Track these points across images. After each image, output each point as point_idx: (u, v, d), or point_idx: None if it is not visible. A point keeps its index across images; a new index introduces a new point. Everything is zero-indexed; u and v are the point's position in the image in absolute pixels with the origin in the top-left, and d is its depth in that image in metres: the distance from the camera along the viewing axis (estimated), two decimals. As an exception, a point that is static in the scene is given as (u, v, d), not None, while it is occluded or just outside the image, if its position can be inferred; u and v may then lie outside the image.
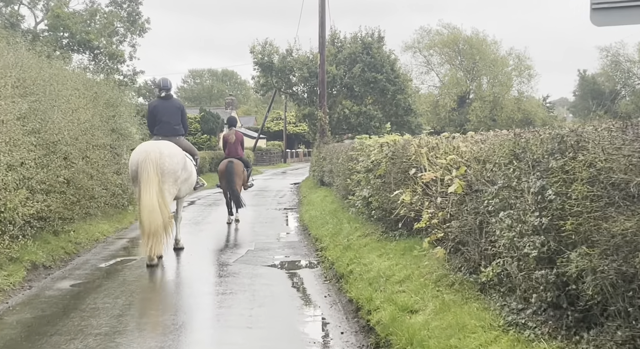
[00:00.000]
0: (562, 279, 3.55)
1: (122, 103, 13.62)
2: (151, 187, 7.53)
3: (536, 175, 3.80)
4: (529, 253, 3.74)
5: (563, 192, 3.53)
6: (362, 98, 28.55)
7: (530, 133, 4.13)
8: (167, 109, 8.80)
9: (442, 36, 70.13)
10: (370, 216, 8.79)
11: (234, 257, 8.57)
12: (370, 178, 8.64)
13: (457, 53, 70.25)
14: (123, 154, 12.94)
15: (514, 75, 69.31)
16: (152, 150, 7.81)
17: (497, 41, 70.92)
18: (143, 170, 7.61)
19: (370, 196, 8.55)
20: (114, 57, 22.76)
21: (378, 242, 7.69)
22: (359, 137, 10.42)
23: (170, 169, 7.89)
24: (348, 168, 10.76)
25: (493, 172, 4.45)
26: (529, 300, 3.94)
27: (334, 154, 15.00)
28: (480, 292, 4.69)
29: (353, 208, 9.79)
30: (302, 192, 19.91)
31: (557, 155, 3.65)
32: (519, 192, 4.03)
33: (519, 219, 3.95)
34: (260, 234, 10.92)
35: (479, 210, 4.76)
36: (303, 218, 12.64)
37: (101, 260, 8.41)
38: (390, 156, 7.68)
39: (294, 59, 28.79)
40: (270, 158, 50.47)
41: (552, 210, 3.60)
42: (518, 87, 69.47)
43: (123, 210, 12.87)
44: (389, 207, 7.70)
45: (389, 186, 7.73)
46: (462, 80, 67.95)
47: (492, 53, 69.07)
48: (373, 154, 8.47)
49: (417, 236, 6.94)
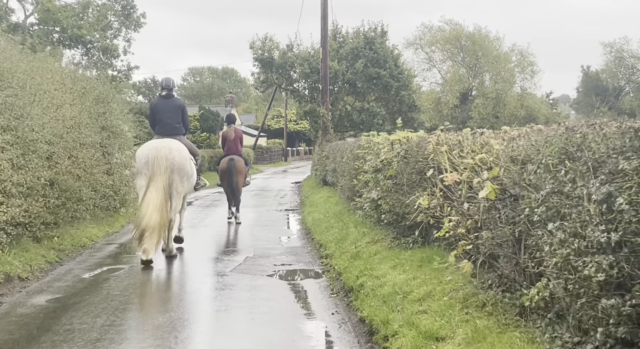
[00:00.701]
0: (638, 311, 2.81)
1: (114, 100, 12.87)
2: (159, 183, 7.66)
3: (600, 179, 3.06)
4: (592, 276, 3.00)
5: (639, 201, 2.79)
6: (364, 94, 27.74)
7: (588, 128, 3.38)
8: (167, 108, 8.77)
9: (444, 32, 69.62)
10: (380, 220, 8.05)
11: (232, 265, 7.83)
12: (379, 179, 7.90)
13: (459, 49, 69.80)
14: (114, 153, 12.21)
15: (516, 71, 68.82)
16: (162, 147, 7.94)
17: (499, 37, 70.37)
18: (154, 166, 7.72)
19: (379, 198, 7.80)
20: (107, 52, 21.86)
21: (390, 250, 6.96)
22: (365, 134, 9.66)
23: (180, 165, 7.99)
24: (354, 167, 10.01)
25: (537, 175, 3.70)
26: (589, 333, 3.19)
27: (337, 152, 14.25)
28: (519, 317, 3.95)
29: (360, 211, 9.06)
30: (304, 192, 19.18)
31: (630, 153, 2.90)
32: (575, 199, 3.28)
33: (576, 233, 3.20)
34: (260, 238, 10.19)
35: (517, 219, 4.02)
36: (305, 220, 11.90)
37: (85, 269, 7.67)
38: (403, 155, 6.94)
39: (295, 55, 27.99)
40: (270, 157, 49.73)
41: (624, 223, 2.86)
42: (521, 83, 69.01)
43: (115, 213, 12.15)
44: (401, 211, 6.97)
45: (402, 188, 6.99)
46: (465, 77, 67.45)
47: (494, 49, 68.60)
48: (383, 153, 7.73)
49: (434, 244, 6.20)
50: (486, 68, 67.92)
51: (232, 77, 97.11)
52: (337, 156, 14.00)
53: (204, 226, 11.70)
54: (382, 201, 7.72)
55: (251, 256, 8.47)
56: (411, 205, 6.51)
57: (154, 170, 7.71)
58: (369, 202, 8.37)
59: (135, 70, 23.79)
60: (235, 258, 8.41)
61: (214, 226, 11.78)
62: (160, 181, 7.66)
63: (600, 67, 73.93)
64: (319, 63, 26.42)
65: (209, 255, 8.82)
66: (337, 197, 13.08)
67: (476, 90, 67.60)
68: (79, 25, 20.12)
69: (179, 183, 8.02)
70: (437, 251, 5.72)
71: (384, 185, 7.58)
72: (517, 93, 67.25)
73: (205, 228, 11.51)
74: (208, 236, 10.55)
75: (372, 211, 8.25)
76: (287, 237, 10.38)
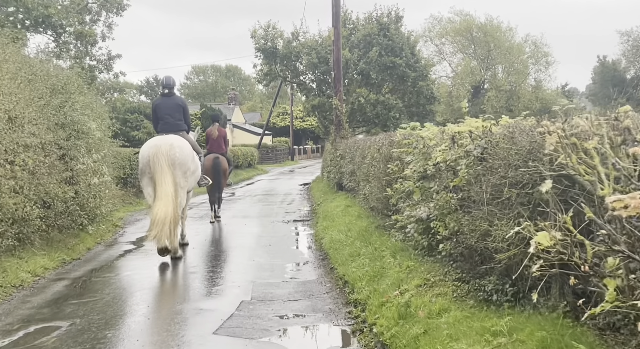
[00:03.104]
0: None
1: (80, 91, 10.38)
2: (165, 178, 7.70)
3: None
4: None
5: None
6: (379, 86, 25.04)
7: None
8: (168, 106, 8.82)
9: (454, 24, 68.12)
10: (433, 249, 5.54)
11: (217, 320, 5.33)
12: (432, 190, 5.38)
13: (471, 41, 68.31)
14: (79, 157, 9.72)
15: (530, 63, 67.31)
16: (162, 144, 7.97)
17: (512, 28, 68.70)
18: (156, 164, 7.78)
19: (434, 218, 5.29)
20: (82, 38, 19.05)
21: (460, 304, 4.42)
22: (403, 126, 7.09)
23: (182, 160, 8.02)
24: (385, 171, 7.49)
25: None
26: None
27: (356, 151, 11.71)
28: None
29: (399, 234, 6.54)
30: (315, 197, 16.66)
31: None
32: None
33: None
34: (263, 266, 7.70)
35: None
36: (320, 237, 9.40)
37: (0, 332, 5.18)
38: (479, 155, 4.41)
39: (301, 44, 25.34)
40: (276, 156, 47.19)
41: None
42: (535, 75, 67.55)
43: (81, 232, 9.70)
44: (477, 243, 4.43)
45: (476, 207, 4.46)
46: (476, 69, 65.86)
47: (507, 40, 67.06)
48: (438, 152, 5.19)
49: (570, 316, 3.59)
50: (499, 60, 66.46)
51: (236, 75, 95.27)
52: (356, 156, 11.46)
53: (191, 247, 9.21)
54: (438, 224, 5.20)
55: (247, 301, 5.96)
56: (497, 236, 4.01)
57: (155, 167, 7.77)
58: (415, 222, 5.85)
59: (117, 60, 21.02)
60: (224, 303, 5.91)
61: (203, 246, 9.30)
62: (166, 177, 7.71)
63: (616, 56, 71.75)
64: (327, 53, 23.85)
65: (188, 295, 6.34)
66: (359, 207, 10.53)
67: (488, 83, 66.13)
68: (45, 4, 17.25)
69: (182, 178, 8.06)
70: (576, 332, 3.14)
71: (442, 200, 5.06)
72: (531, 85, 65.52)
73: (191, 250, 9.01)
74: (195, 262, 8.05)
75: (422, 237, 5.73)
76: (298, 265, 7.84)
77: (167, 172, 7.74)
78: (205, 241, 9.87)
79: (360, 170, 10.40)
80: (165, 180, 7.69)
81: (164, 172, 7.72)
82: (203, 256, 8.57)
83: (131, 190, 16.49)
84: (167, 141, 8.04)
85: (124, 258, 8.64)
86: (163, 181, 7.68)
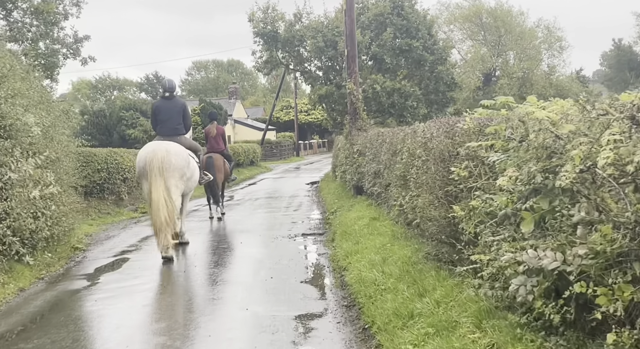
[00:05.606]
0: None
1: (16, 76, 7.80)
2: (159, 184, 7.79)
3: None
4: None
5: None
6: (394, 71, 22.25)
7: None
8: (168, 109, 8.86)
9: (463, 9, 65.88)
10: (576, 329, 2.94)
11: None
12: (571, 217, 2.78)
13: (480, 27, 66.08)
14: (10, 164, 7.14)
15: (543, 48, 64.95)
16: (159, 149, 8.03)
17: (523, 12, 66.15)
18: (151, 168, 7.85)
19: (578, 273, 2.67)
20: (40, 16, 16.11)
21: None
22: (485, 105, 4.36)
23: (177, 165, 8.08)
24: (443, 178, 4.85)
25: None
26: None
27: (381, 146, 9.07)
28: None
29: (482, 285, 3.90)
30: (327, 201, 14.05)
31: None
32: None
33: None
34: (259, 321, 5.10)
35: None
36: (340, 266, 6.81)
37: None
38: None
39: (305, 26, 22.60)
40: (280, 152, 44.58)
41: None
42: (549, 60, 65.21)
43: (16, 263, 7.17)
44: None
45: None
46: (487, 57, 63.42)
47: (518, 25, 64.79)
48: (605, 144, 2.57)
49: None
50: (510, 46, 64.25)
51: (239, 69, 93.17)
52: (382, 152, 8.82)
53: (164, 283, 6.61)
54: (594, 288, 2.59)
55: None
56: None
57: (151, 172, 7.84)
58: (525, 274, 3.23)
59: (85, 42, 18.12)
60: None
61: (181, 281, 6.71)
62: (159, 183, 7.77)
63: (633, 39, 69.14)
64: (335, 35, 21.18)
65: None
66: (390, 222, 7.85)
67: (500, 70, 63.82)
68: (-14, -30, 14.40)
69: (179, 180, 8.14)
70: None
71: (602, 239, 2.44)
72: (545, 72, 63.14)
73: (163, 288, 6.40)
74: (166, 315, 5.46)
75: (544, 304, 3.10)
76: (311, 320, 5.20)
77: (159, 177, 7.81)
78: (186, 273, 7.30)
79: (391, 171, 7.76)
80: (158, 185, 7.77)
81: (157, 177, 7.80)
82: (175, 306, 5.97)
83: (109, 197, 13.93)
84: (164, 147, 8.10)
85: (64, 307, 6.03)
86: (157, 185, 7.78)
